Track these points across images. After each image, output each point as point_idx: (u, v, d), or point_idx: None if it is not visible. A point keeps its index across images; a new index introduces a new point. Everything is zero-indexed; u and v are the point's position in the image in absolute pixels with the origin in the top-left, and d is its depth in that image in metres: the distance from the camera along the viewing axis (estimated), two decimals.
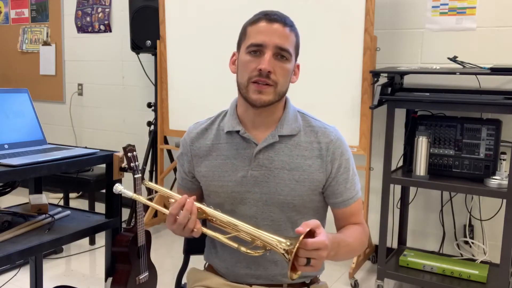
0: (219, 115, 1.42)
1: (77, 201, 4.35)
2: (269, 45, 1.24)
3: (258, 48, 1.25)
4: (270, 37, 1.24)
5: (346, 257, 1.33)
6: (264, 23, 1.26)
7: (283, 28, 1.26)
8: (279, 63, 1.26)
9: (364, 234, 1.37)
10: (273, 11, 1.29)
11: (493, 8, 2.74)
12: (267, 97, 1.26)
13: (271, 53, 1.24)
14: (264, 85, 1.25)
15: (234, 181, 1.33)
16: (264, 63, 1.23)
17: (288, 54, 1.26)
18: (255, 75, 1.25)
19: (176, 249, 3.35)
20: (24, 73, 4.81)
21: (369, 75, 2.79)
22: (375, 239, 3.07)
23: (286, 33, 1.26)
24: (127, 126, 4.26)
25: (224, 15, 3.21)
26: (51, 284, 2.64)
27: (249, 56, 1.27)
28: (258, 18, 1.28)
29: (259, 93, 1.25)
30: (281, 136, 1.32)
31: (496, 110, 2.39)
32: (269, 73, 1.24)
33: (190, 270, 1.53)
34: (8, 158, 1.67)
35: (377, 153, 3.08)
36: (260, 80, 1.24)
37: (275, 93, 1.27)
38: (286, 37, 1.26)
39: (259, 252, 1.18)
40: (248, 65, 1.26)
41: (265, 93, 1.25)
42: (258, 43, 1.25)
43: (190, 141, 1.41)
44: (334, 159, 1.32)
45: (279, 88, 1.27)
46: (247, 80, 1.27)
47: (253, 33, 1.27)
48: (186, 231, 1.20)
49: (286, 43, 1.26)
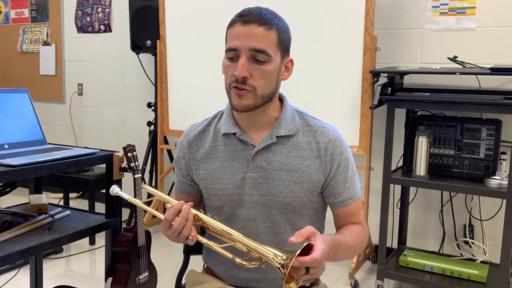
0: (215, 116, 1.40)
1: (77, 201, 4.35)
2: (243, 49, 1.20)
3: (234, 53, 1.22)
4: (244, 40, 1.20)
5: (346, 257, 1.32)
6: (239, 25, 1.22)
7: (258, 28, 1.20)
8: (257, 66, 1.21)
9: (364, 234, 1.37)
10: (250, 10, 1.23)
11: (493, 8, 2.74)
12: (247, 102, 1.23)
13: (246, 57, 1.20)
14: (242, 89, 1.22)
15: (233, 184, 1.32)
16: (237, 70, 1.20)
17: (265, 56, 1.21)
18: (233, 81, 1.22)
19: (176, 249, 3.34)
20: (24, 73, 4.81)
21: (369, 75, 2.79)
22: (375, 239, 3.07)
23: (261, 33, 1.20)
24: (127, 126, 4.26)
25: (224, 15, 3.20)
26: (51, 284, 2.64)
27: (227, 61, 1.25)
28: (234, 20, 1.24)
29: (239, 97, 1.23)
30: (278, 137, 1.30)
31: (496, 110, 2.39)
32: (245, 78, 1.21)
33: (189, 273, 1.51)
34: (8, 158, 1.67)
35: (377, 153, 3.08)
36: (238, 86, 1.22)
37: (255, 97, 1.23)
38: (263, 37, 1.20)
39: (255, 264, 1.15)
40: (227, 71, 1.25)
41: (244, 98, 1.23)
42: (233, 47, 1.22)
43: (188, 144, 1.39)
44: (333, 159, 1.30)
45: (260, 91, 1.23)
46: (228, 86, 1.25)
47: (230, 37, 1.24)
48: (180, 238, 1.17)
49: (261, 44, 1.20)
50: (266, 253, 1.11)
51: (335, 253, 1.19)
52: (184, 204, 1.18)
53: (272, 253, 1.10)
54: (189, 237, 1.17)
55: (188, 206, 1.18)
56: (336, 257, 1.23)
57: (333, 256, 1.19)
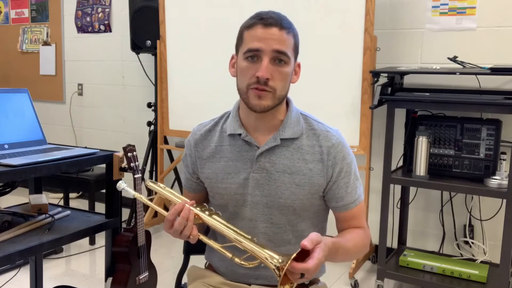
0: (222, 116, 1.42)
1: (77, 201, 4.35)
2: (266, 51, 1.22)
3: (255, 53, 1.23)
4: (267, 42, 1.22)
5: (344, 260, 1.34)
6: (260, 27, 1.23)
7: (280, 32, 1.23)
8: (278, 67, 1.24)
9: (365, 238, 1.37)
10: (269, 14, 1.25)
11: (493, 8, 2.74)
12: (267, 102, 1.25)
13: (269, 58, 1.22)
14: (263, 90, 1.23)
15: (237, 183, 1.33)
16: (261, 71, 1.21)
17: (286, 58, 1.24)
18: (253, 82, 1.23)
19: (176, 249, 3.35)
20: (24, 73, 4.81)
21: (369, 75, 2.79)
22: (375, 239, 3.07)
23: (283, 36, 1.23)
24: (127, 126, 4.26)
25: (224, 15, 3.21)
26: (51, 284, 2.64)
27: (246, 62, 1.25)
28: (254, 22, 1.25)
29: (258, 98, 1.24)
30: (283, 139, 1.32)
31: (496, 110, 2.39)
32: (267, 80, 1.22)
33: (191, 268, 1.55)
34: (8, 158, 1.67)
35: (377, 153, 3.08)
36: (259, 87, 1.23)
37: (274, 98, 1.25)
38: (284, 40, 1.23)
39: (254, 263, 1.17)
40: (246, 72, 1.25)
41: (265, 98, 1.24)
42: (255, 48, 1.23)
43: (194, 143, 1.41)
44: (335, 163, 1.31)
45: (278, 93, 1.25)
46: (246, 87, 1.25)
47: (250, 38, 1.24)
48: (182, 236, 1.21)
49: (283, 47, 1.23)
50: (261, 254, 1.13)
51: (334, 256, 1.22)
52: (185, 204, 1.20)
53: (268, 255, 1.12)
54: (190, 236, 1.20)
55: (189, 206, 1.20)
56: (334, 260, 1.26)
57: (331, 259, 1.22)
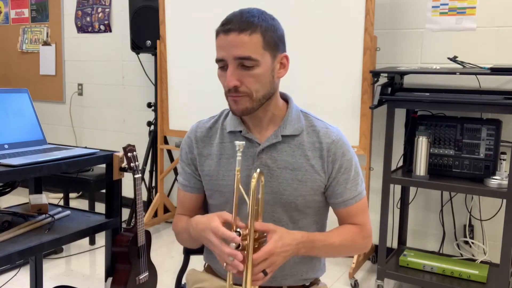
0: (221, 113, 1.42)
1: (77, 201, 4.35)
2: (229, 59, 1.21)
3: (222, 63, 1.25)
4: (228, 50, 1.21)
5: (331, 255, 1.37)
6: (221, 35, 1.23)
7: (239, 36, 1.20)
8: (246, 72, 1.22)
9: (359, 236, 1.36)
10: (232, 18, 1.24)
11: (493, 8, 2.74)
12: (244, 106, 1.25)
13: (233, 66, 1.22)
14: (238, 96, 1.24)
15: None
16: (227, 80, 1.22)
17: (252, 61, 1.21)
18: (227, 90, 1.25)
19: (176, 249, 3.34)
20: (24, 73, 4.81)
21: (369, 75, 2.79)
22: (375, 239, 3.06)
23: (243, 40, 1.20)
24: (127, 126, 4.26)
25: (224, 15, 3.21)
26: (51, 284, 2.64)
27: (219, 70, 1.27)
28: (217, 30, 1.25)
29: (235, 103, 1.26)
30: (284, 136, 1.32)
31: (496, 110, 2.39)
32: (236, 87, 1.22)
33: (190, 272, 1.53)
34: (8, 158, 1.67)
35: (377, 153, 3.08)
36: (232, 95, 1.24)
37: (252, 101, 1.25)
38: (245, 44, 1.20)
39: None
40: (221, 80, 1.27)
41: (240, 103, 1.25)
42: (219, 58, 1.24)
43: (195, 140, 1.40)
44: (335, 159, 1.32)
45: (255, 94, 1.25)
46: (225, 94, 1.28)
47: (216, 48, 1.26)
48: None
49: (245, 51, 1.20)
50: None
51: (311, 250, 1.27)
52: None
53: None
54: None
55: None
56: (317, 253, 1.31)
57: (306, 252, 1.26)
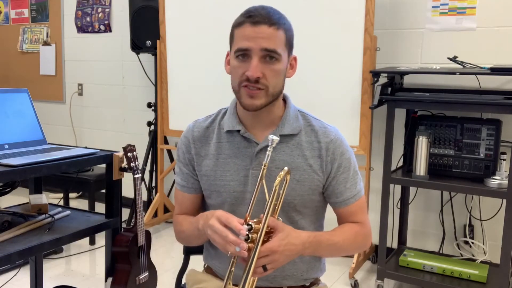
0: (218, 113, 1.41)
1: (77, 201, 4.35)
2: (255, 50, 1.21)
3: (244, 53, 1.23)
4: (255, 41, 1.20)
5: (334, 254, 1.36)
6: (248, 26, 1.22)
7: (269, 29, 1.21)
8: (268, 65, 1.23)
9: (360, 234, 1.36)
10: (258, 10, 1.23)
11: (493, 8, 2.74)
12: (259, 101, 1.24)
13: (258, 57, 1.21)
14: (255, 89, 1.23)
15: (237, 181, 1.32)
16: (251, 70, 1.21)
17: (277, 55, 1.22)
18: (244, 80, 1.23)
19: (176, 249, 3.34)
20: (24, 73, 4.81)
21: (369, 75, 2.79)
22: (375, 239, 3.07)
23: (272, 33, 1.21)
24: (127, 126, 4.26)
25: (224, 15, 3.21)
26: (51, 284, 2.64)
27: (237, 61, 1.24)
28: (242, 20, 1.24)
29: (250, 97, 1.24)
30: (282, 136, 1.31)
31: (496, 110, 2.39)
32: (258, 78, 1.22)
33: (189, 272, 1.52)
34: (8, 158, 1.67)
35: (377, 153, 3.08)
36: (250, 86, 1.23)
37: (267, 96, 1.25)
38: (273, 37, 1.21)
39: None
40: (237, 70, 1.25)
41: (257, 97, 1.24)
42: (244, 47, 1.22)
43: (192, 139, 1.39)
44: (333, 159, 1.32)
45: (271, 90, 1.25)
46: (238, 85, 1.25)
47: (239, 38, 1.24)
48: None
49: (272, 44, 1.21)
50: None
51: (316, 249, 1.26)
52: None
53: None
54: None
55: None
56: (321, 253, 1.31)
57: (312, 252, 1.26)
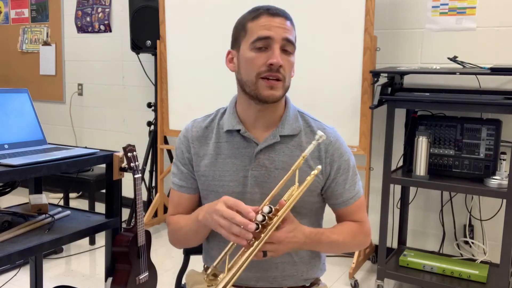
0: (217, 112, 1.40)
1: (77, 201, 4.35)
2: (277, 39, 1.22)
3: (265, 42, 1.22)
4: (276, 30, 1.22)
5: (333, 251, 1.38)
6: (267, 17, 1.24)
7: (286, 21, 1.25)
8: (286, 56, 1.24)
9: (359, 232, 1.36)
10: (271, 6, 1.27)
11: (493, 8, 2.74)
12: (278, 92, 1.25)
13: (279, 47, 1.23)
14: (275, 80, 1.23)
15: (236, 181, 1.31)
16: (275, 57, 1.21)
17: (293, 47, 1.26)
18: (264, 71, 1.22)
19: (176, 249, 3.33)
20: (24, 73, 4.81)
21: (369, 75, 2.79)
22: (375, 239, 3.07)
23: (289, 26, 1.25)
24: (127, 126, 4.26)
25: (224, 15, 3.21)
26: (51, 284, 2.64)
27: (254, 52, 1.24)
28: (259, 13, 1.26)
29: (271, 89, 1.23)
30: (282, 136, 1.31)
31: (496, 110, 2.39)
32: (280, 67, 1.22)
33: (189, 272, 1.52)
34: (8, 158, 1.67)
35: (377, 153, 3.08)
36: (271, 75, 1.22)
37: (283, 88, 1.26)
38: (290, 30, 1.25)
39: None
40: (254, 62, 1.23)
41: (277, 88, 1.24)
42: (264, 35, 1.22)
43: (191, 139, 1.38)
44: (333, 161, 1.31)
45: (286, 82, 1.27)
46: (255, 77, 1.24)
47: (257, 28, 1.24)
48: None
49: (291, 36, 1.25)
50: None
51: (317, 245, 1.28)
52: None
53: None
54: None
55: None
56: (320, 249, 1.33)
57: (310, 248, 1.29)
